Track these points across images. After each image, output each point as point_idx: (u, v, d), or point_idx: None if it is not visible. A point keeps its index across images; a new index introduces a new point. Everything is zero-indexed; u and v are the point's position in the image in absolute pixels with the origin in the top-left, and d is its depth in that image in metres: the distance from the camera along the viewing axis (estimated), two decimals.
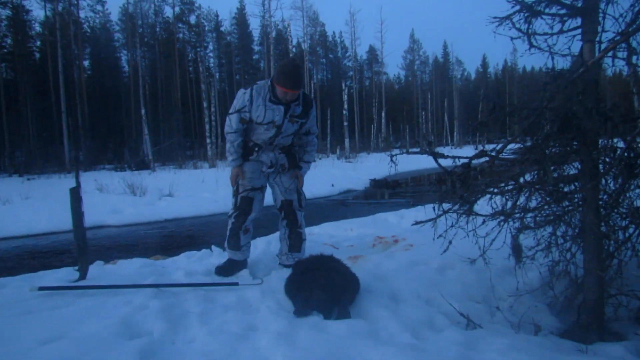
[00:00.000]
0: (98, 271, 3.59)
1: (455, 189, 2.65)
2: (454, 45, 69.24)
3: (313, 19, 38.61)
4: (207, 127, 23.31)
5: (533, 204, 2.87)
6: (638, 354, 2.31)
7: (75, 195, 3.22)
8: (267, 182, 3.67)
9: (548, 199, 2.79)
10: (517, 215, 2.80)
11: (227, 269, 3.49)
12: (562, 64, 2.82)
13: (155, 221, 9.64)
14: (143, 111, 22.72)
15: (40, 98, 27.89)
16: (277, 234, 3.82)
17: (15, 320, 2.60)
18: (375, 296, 2.78)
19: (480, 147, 2.87)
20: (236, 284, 3.05)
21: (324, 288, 2.57)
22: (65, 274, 3.53)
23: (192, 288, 3.02)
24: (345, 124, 28.35)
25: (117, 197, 10.99)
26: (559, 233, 2.83)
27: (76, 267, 3.38)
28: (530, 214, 2.87)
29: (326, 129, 31.37)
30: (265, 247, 4.22)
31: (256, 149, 3.56)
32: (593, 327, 2.62)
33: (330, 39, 48.93)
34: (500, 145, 2.75)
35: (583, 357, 2.09)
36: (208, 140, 23.18)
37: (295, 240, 3.65)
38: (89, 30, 34.27)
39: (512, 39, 2.86)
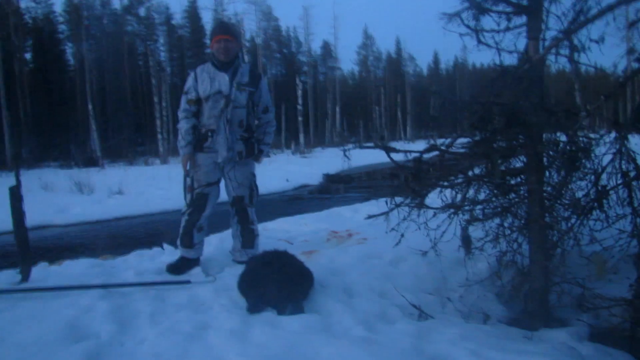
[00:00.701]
0: (42, 273, 3.42)
1: (407, 182, 2.67)
2: (406, 41, 70.17)
3: (266, 14, 38.33)
4: (158, 122, 22.75)
5: (482, 196, 2.96)
6: (580, 338, 2.42)
7: (15, 195, 3.06)
8: (222, 176, 3.58)
9: (495, 191, 2.88)
10: (467, 208, 2.87)
11: (179, 267, 3.41)
12: (509, 60, 2.90)
13: (104, 220, 9.33)
14: (90, 106, 21.93)
15: None
16: (230, 230, 3.76)
17: None
18: (330, 290, 2.78)
19: (431, 142, 2.91)
20: (188, 281, 2.98)
21: (277, 284, 2.55)
22: (7, 277, 3.35)
23: (143, 288, 2.93)
24: (300, 119, 28.34)
25: (63, 196, 10.58)
26: (506, 224, 2.93)
27: (18, 270, 3.21)
28: (479, 207, 2.95)
29: (281, 124, 31.23)
30: (219, 243, 4.15)
31: (210, 134, 3.44)
32: (538, 315, 2.72)
33: (284, 33, 48.68)
34: (450, 140, 2.80)
35: (529, 343, 2.16)
36: (159, 136, 22.63)
37: (247, 237, 3.60)
38: (30, 22, 32.66)
39: (461, 35, 2.91)
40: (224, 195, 3.63)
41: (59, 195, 10.63)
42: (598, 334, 2.51)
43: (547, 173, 2.79)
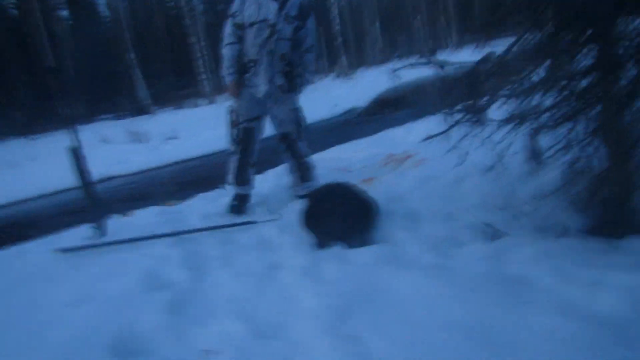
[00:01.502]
0: (116, 225, 3.55)
1: (465, 96, 2.50)
2: None
3: None
4: (200, 62, 22.66)
5: (548, 102, 2.74)
6: None
7: (77, 155, 3.13)
8: (269, 106, 3.49)
9: (565, 93, 2.65)
10: (533, 117, 2.68)
11: (240, 205, 3.46)
12: None
13: (163, 165, 9.60)
14: (132, 55, 22.05)
15: (27, 56, 27.05)
16: (284, 165, 3.74)
17: (41, 285, 2.62)
18: (394, 218, 2.74)
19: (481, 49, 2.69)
20: (254, 222, 3.02)
21: (341, 217, 2.53)
22: (84, 233, 3.53)
23: (211, 232, 3.00)
24: (340, 40, 27.39)
25: (121, 147, 10.93)
26: (579, 129, 2.72)
27: (94, 225, 3.35)
28: (546, 114, 2.75)
29: (321, 48, 30.38)
30: (276, 180, 4.15)
31: (251, 64, 3.32)
32: (620, 221, 2.57)
33: None
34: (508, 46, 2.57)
35: (614, 254, 2.05)
36: (204, 76, 22.65)
37: (304, 170, 3.58)
38: None
39: None
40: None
41: (117, 147, 10.99)
42: None
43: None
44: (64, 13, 34.87)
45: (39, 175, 9.49)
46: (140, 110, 22.82)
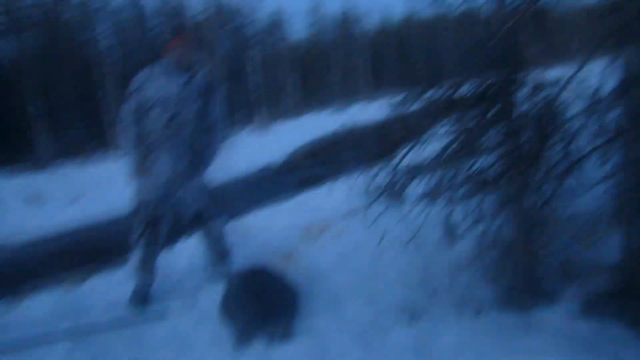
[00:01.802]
0: (2, 320, 3.15)
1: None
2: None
3: None
4: (111, 115, 21.84)
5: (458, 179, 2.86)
6: (573, 315, 2.39)
7: None
8: (173, 191, 3.23)
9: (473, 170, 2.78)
10: (446, 193, 2.77)
11: (145, 294, 3.17)
12: None
13: (65, 232, 8.89)
14: (34, 108, 20.79)
15: None
16: (198, 241, 3.54)
17: None
18: (318, 301, 2.66)
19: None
20: (164, 315, 2.79)
21: (262, 308, 2.41)
22: None
23: (118, 327, 2.74)
24: (256, 94, 27.72)
25: (15, 210, 10.01)
26: (487, 203, 2.84)
27: None
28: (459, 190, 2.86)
29: (237, 102, 30.48)
30: (190, 256, 3.93)
31: (154, 148, 3.09)
32: (527, 290, 2.69)
33: (230, 7, 47.14)
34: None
35: (529, 336, 2.11)
36: (114, 130, 21.79)
37: (218, 252, 3.39)
38: None
39: None
40: None
41: (9, 211, 10.05)
42: (588, 303, 2.49)
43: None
44: None
45: None
46: (40, 164, 21.32)
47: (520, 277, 2.75)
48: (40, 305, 3.46)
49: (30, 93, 21.23)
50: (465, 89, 2.71)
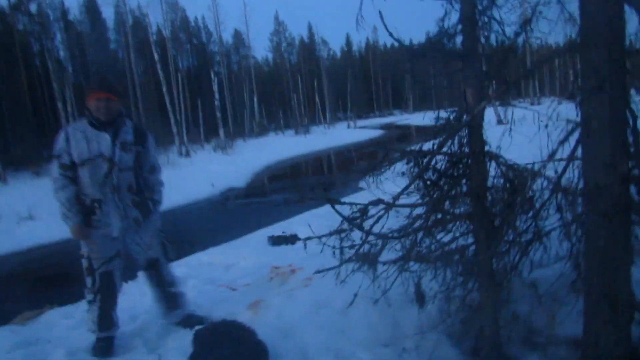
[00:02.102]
0: None
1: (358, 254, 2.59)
2: (318, 25, 70.64)
3: (172, 4, 36.59)
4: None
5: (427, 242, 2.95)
6: None
7: None
8: (123, 244, 3.15)
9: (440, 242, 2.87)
10: (416, 258, 2.84)
11: (107, 347, 3.05)
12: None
13: (16, 252, 8.55)
14: None
15: None
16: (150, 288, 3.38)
17: None
18: None
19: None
20: None
21: None
22: None
23: None
24: (218, 114, 27.55)
25: None
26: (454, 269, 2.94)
27: None
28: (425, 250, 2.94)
29: (198, 119, 30.22)
30: (144, 301, 3.83)
31: (96, 205, 2.97)
32: (491, 354, 2.78)
33: (193, 24, 46.95)
34: (396, 193, 2.75)
35: None
36: None
37: (170, 300, 3.32)
38: None
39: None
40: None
41: None
42: None
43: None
44: None
45: None
46: None
47: (485, 341, 2.82)
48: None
49: None
50: (437, 158, 2.81)
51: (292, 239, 3.34)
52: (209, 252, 5.49)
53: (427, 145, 2.90)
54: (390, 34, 2.59)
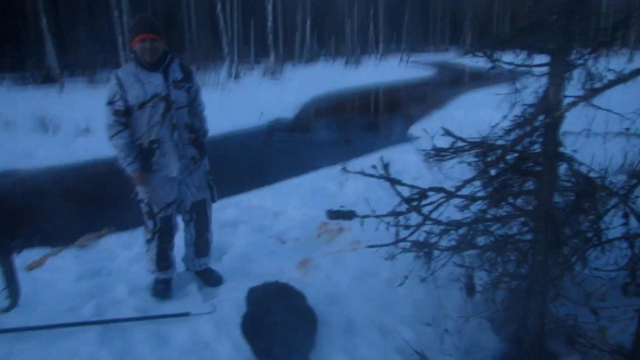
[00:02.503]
0: (26, 285, 3.25)
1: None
2: None
3: None
4: (119, 39, 21.32)
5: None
6: None
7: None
8: (181, 183, 3.25)
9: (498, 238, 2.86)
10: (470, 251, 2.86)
11: (165, 289, 3.26)
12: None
13: (73, 164, 8.94)
14: (44, 21, 20.22)
15: None
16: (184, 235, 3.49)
17: None
18: (332, 330, 2.79)
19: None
20: (187, 314, 2.93)
21: (283, 334, 2.54)
22: None
23: (142, 322, 2.88)
24: (271, 37, 27.06)
25: (26, 136, 10.00)
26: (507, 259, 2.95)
27: (4, 291, 3.07)
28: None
29: (249, 40, 29.84)
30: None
31: (155, 146, 3.05)
32: (532, 347, 2.84)
33: None
34: (459, 184, 2.73)
35: None
36: (122, 54, 21.36)
37: (202, 245, 3.43)
38: None
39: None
40: None
41: (21, 135, 10.04)
42: None
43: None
44: None
45: None
46: (46, 78, 21.04)
47: (528, 333, 2.88)
48: (63, 274, 3.59)
49: (40, 6, 20.57)
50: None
51: (349, 215, 3.38)
52: (258, 194, 5.62)
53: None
54: None
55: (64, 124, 10.70)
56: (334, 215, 3.33)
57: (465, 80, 28.22)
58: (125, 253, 4.04)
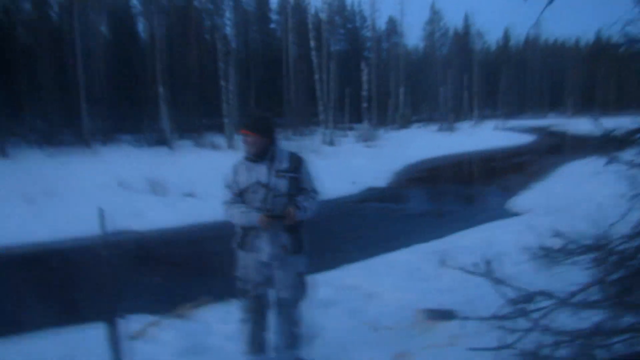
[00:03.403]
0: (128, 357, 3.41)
1: None
2: (475, 16, 67.11)
3: None
4: (224, 106, 22.98)
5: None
6: None
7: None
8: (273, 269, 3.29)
9: None
10: None
11: None
12: None
13: (179, 227, 9.57)
14: (161, 89, 22.41)
15: (59, 65, 27.70)
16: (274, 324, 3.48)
17: None
18: None
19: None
20: None
21: None
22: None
23: None
24: (365, 104, 27.79)
25: (138, 196, 10.92)
26: None
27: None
28: None
29: (344, 107, 30.83)
30: None
31: (252, 232, 3.23)
32: None
33: (349, 8, 47.69)
34: None
35: None
36: (226, 120, 22.93)
37: (291, 339, 3.40)
38: None
39: None
40: None
41: (134, 195, 10.98)
42: None
43: None
44: (103, 29, 35.79)
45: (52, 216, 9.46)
46: (159, 141, 23.06)
47: None
48: (163, 345, 3.76)
49: (158, 77, 22.93)
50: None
51: (448, 315, 3.24)
52: (352, 271, 5.61)
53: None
54: None
55: (171, 187, 11.54)
56: (432, 315, 3.19)
57: (567, 148, 26.86)
58: (221, 328, 4.14)
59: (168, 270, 7.36)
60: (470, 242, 6.70)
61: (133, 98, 29.51)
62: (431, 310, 3.28)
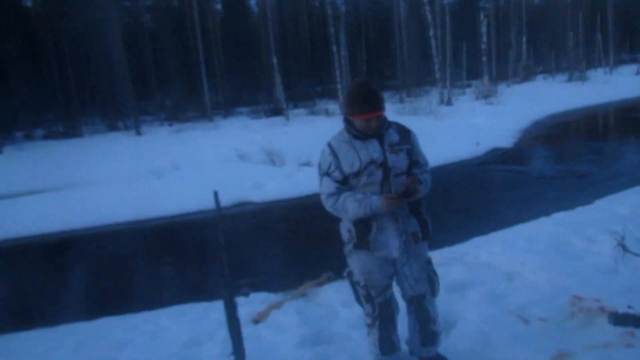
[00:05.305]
0: (251, 345, 3.18)
1: None
2: None
3: None
4: (337, 72, 22.64)
5: None
6: None
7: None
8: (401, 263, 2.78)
9: None
10: None
11: None
12: None
13: (295, 198, 9.53)
14: (274, 60, 22.62)
15: (182, 45, 29.40)
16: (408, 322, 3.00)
17: None
18: None
19: None
20: None
21: None
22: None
23: None
24: (484, 58, 25.81)
25: (256, 168, 11.07)
26: None
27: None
28: None
29: (460, 62, 28.93)
30: None
31: (373, 223, 2.65)
32: None
33: None
34: None
35: None
36: (339, 86, 22.66)
37: (428, 336, 2.92)
38: None
39: None
40: None
41: (252, 167, 11.15)
42: None
43: None
44: (218, 7, 37.26)
45: (178, 189, 9.89)
46: (274, 111, 23.58)
47: None
48: (286, 331, 3.56)
49: (271, 49, 23.20)
50: None
51: (639, 321, 2.54)
52: (484, 246, 5.00)
53: None
54: None
55: (288, 157, 11.54)
56: (620, 320, 2.52)
57: None
58: (345, 313, 3.84)
59: (288, 243, 7.29)
60: (628, 209, 5.72)
61: (248, 70, 30.51)
62: (620, 316, 2.55)
